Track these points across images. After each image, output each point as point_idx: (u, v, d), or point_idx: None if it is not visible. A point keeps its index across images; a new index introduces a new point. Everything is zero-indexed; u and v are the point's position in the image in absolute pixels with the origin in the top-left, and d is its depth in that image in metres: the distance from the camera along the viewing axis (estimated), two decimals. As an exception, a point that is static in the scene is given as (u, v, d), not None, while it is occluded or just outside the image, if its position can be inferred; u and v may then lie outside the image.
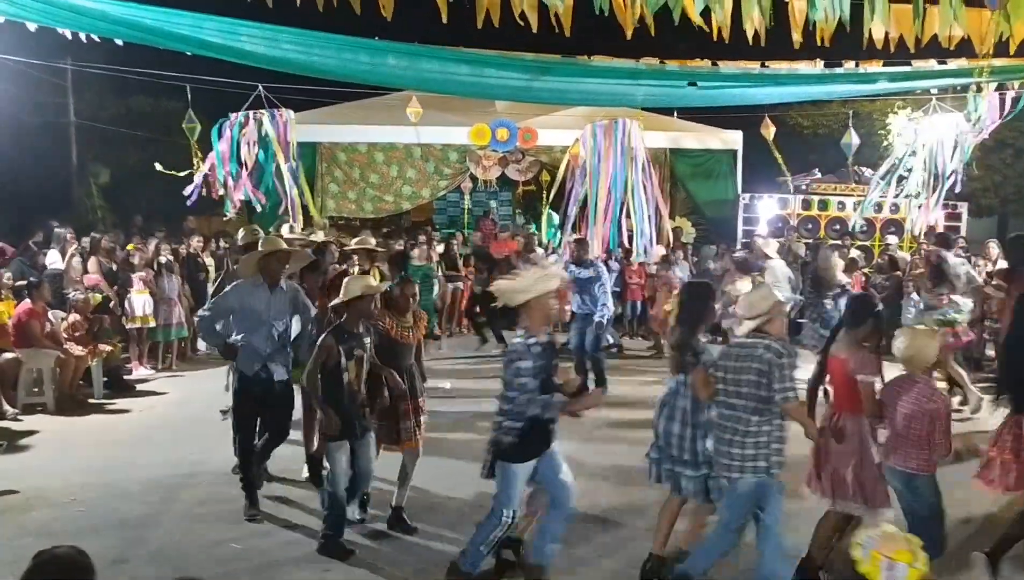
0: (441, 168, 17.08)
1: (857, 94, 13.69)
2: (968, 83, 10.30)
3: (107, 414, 9.38)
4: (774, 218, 16.05)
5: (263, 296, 6.23)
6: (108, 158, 21.56)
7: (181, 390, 10.31)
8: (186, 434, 8.25)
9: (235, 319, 6.29)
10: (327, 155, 16.62)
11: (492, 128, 15.68)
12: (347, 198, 16.86)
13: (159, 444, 8.01)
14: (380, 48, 8.99)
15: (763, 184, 17.30)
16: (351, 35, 8.75)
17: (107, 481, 6.92)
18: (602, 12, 6.90)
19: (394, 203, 17.13)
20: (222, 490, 6.63)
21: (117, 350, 10.46)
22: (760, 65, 9.90)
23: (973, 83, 10.00)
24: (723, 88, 10.05)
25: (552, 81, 9.81)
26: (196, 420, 8.63)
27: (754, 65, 9.88)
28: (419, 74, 9.39)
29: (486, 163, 16.78)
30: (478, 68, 9.41)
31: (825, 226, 15.97)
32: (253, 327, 6.20)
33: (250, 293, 6.24)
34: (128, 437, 8.35)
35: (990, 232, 21.21)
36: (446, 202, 19.07)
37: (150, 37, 8.20)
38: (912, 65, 9.84)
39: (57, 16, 7.82)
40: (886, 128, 19.88)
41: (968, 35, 7.67)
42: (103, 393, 10.01)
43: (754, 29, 7.36)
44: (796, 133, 22.10)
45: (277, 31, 8.38)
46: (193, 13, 8.01)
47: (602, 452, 7.46)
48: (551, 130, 15.92)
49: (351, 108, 16.67)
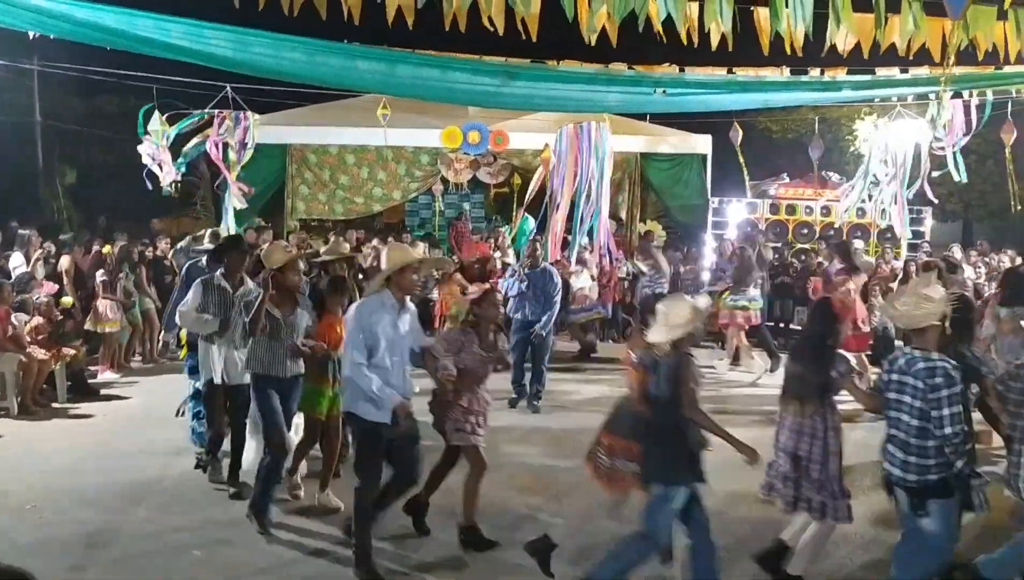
0: (412, 170, 17.07)
1: (822, 101, 13.87)
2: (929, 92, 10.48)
3: (70, 418, 9.25)
4: (743, 222, 16.18)
5: (391, 318, 5.29)
6: (74, 158, 21.32)
7: (145, 394, 10.20)
8: (149, 439, 8.16)
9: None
10: (297, 157, 16.56)
11: (464, 131, 15.67)
12: (317, 200, 16.82)
13: (122, 449, 7.91)
14: (349, 52, 9.00)
15: (733, 188, 17.46)
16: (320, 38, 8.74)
17: (69, 487, 6.83)
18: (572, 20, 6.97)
19: (364, 205, 17.11)
20: (185, 496, 6.59)
21: (81, 353, 10.33)
22: (727, 72, 10.04)
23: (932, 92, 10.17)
24: (690, 95, 10.14)
25: (521, 86, 9.87)
26: (160, 425, 8.54)
27: (721, 71, 10.02)
28: (388, 78, 9.40)
29: (457, 166, 16.81)
30: (447, 72, 9.44)
31: (793, 230, 16.13)
32: (383, 359, 5.22)
33: (378, 313, 5.24)
34: (91, 442, 8.24)
35: (955, 236, 21.58)
36: (418, 204, 19.05)
37: (114, 39, 8.15)
38: (876, 73, 10.02)
39: (21, 17, 7.74)
40: (853, 134, 20.14)
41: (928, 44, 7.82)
42: (66, 397, 9.89)
43: (720, 35, 7.46)
44: (765, 138, 22.31)
45: (245, 34, 8.35)
46: (158, 15, 7.96)
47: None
48: (523, 133, 15.95)
49: (322, 109, 16.60)
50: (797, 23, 7.06)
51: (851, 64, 9.38)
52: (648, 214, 18.04)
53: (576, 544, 5.70)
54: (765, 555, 5.21)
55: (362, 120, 15.31)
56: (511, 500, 6.59)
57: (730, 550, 5.36)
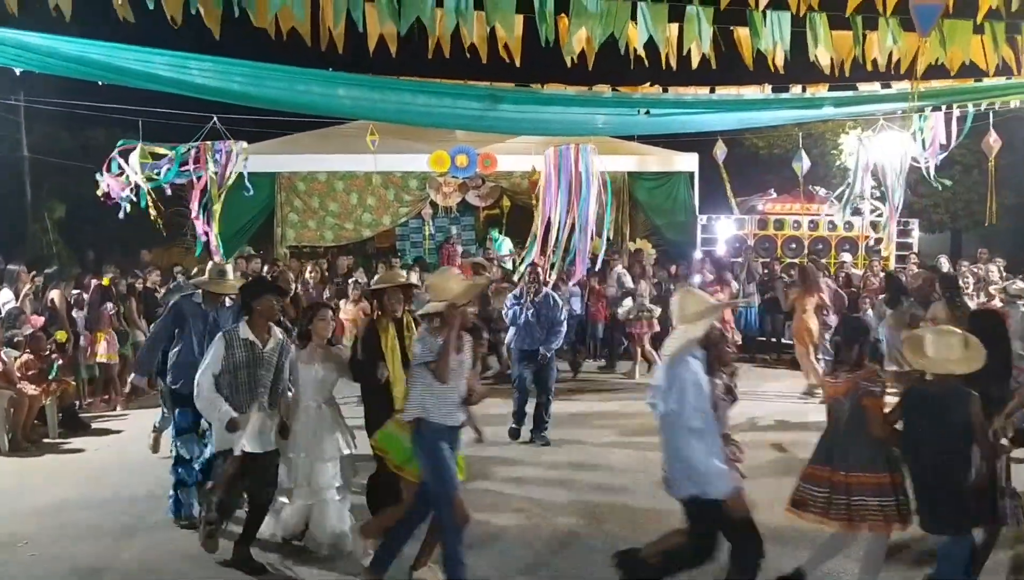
0: (401, 195, 17.14)
1: (804, 119, 13.99)
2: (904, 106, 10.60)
3: (62, 453, 9.20)
4: (732, 238, 16.28)
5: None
6: (63, 192, 21.27)
7: (136, 428, 10.13)
8: (140, 473, 8.10)
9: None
10: (286, 184, 16.61)
11: (451, 154, 15.76)
12: (307, 227, 16.87)
13: (113, 484, 7.87)
14: (333, 79, 9.07)
15: (721, 205, 17.55)
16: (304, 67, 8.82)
17: (60, 523, 6.78)
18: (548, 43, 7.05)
19: (354, 231, 17.16)
20: (176, 531, 6.54)
21: (71, 388, 10.29)
22: (710, 91, 10.14)
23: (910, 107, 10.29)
24: (674, 115, 10.23)
25: (507, 110, 9.95)
26: (151, 458, 8.50)
27: (704, 91, 10.11)
28: (373, 104, 9.48)
29: (446, 189, 16.87)
30: (434, 98, 9.51)
31: (781, 245, 16.22)
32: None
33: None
34: (83, 477, 8.19)
35: (943, 247, 21.67)
36: (408, 228, 19.10)
37: (100, 73, 8.20)
38: (857, 89, 10.13)
39: (4, 53, 7.79)
40: (838, 148, 20.27)
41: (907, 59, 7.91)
42: (58, 432, 9.84)
43: (701, 55, 7.55)
44: (752, 154, 22.45)
45: (228, 64, 8.42)
46: (142, 47, 8.02)
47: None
48: (511, 156, 16.05)
49: (309, 137, 16.68)
50: (776, 42, 7.15)
51: (832, 81, 9.49)
52: (638, 233, 18.12)
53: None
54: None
55: (350, 147, 15.40)
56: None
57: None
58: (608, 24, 7.05)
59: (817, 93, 9.86)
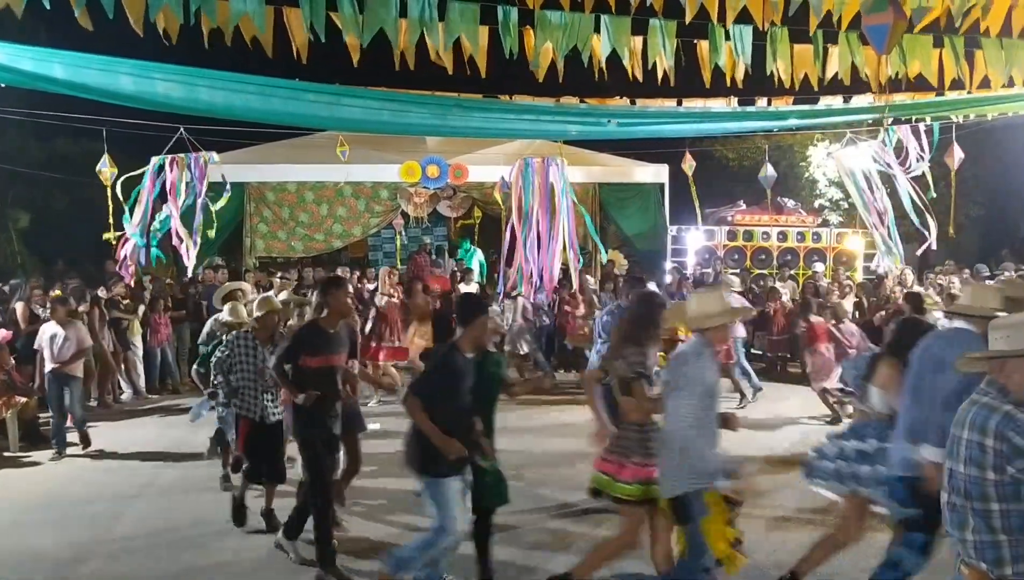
0: (372, 205, 17.09)
1: (770, 129, 14.12)
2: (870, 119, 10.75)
3: (21, 467, 9.04)
4: (702, 249, 16.38)
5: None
6: (29, 202, 20.97)
7: (98, 441, 10.00)
8: (100, 488, 8.00)
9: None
10: (255, 195, 16.50)
11: (422, 165, 15.75)
12: (277, 238, 16.76)
13: (73, 500, 7.73)
14: (299, 88, 9.02)
15: (691, 216, 17.66)
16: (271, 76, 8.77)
17: (18, 541, 6.65)
18: (512, 55, 7.07)
19: (325, 242, 17.08)
20: (137, 548, 6.44)
21: (32, 402, 10.13)
22: (677, 103, 10.22)
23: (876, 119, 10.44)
24: (641, 125, 10.29)
25: (475, 117, 9.96)
26: (112, 472, 8.40)
27: (671, 103, 10.19)
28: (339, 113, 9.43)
29: (417, 200, 16.84)
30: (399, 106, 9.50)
31: (751, 256, 16.35)
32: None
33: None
34: (42, 492, 8.05)
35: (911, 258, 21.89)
36: (381, 239, 19.07)
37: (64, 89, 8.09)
38: (820, 102, 10.25)
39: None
40: (807, 160, 20.50)
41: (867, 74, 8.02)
42: (18, 446, 9.67)
43: (663, 70, 7.60)
44: (722, 165, 22.62)
45: (194, 74, 8.34)
46: (106, 57, 7.92)
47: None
48: (482, 166, 16.04)
49: (279, 148, 16.59)
50: (738, 56, 7.21)
51: (796, 93, 9.60)
52: (609, 244, 18.19)
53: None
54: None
55: (320, 157, 15.33)
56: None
57: None
58: (572, 36, 7.08)
59: (782, 107, 9.96)
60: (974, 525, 3.27)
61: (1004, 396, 3.28)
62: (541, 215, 12.28)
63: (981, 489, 3.23)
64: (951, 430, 3.46)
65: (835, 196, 19.83)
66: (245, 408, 6.53)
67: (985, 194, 20.55)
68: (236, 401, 6.58)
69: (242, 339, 6.56)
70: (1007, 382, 3.30)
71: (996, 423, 3.20)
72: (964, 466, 3.30)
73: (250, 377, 6.47)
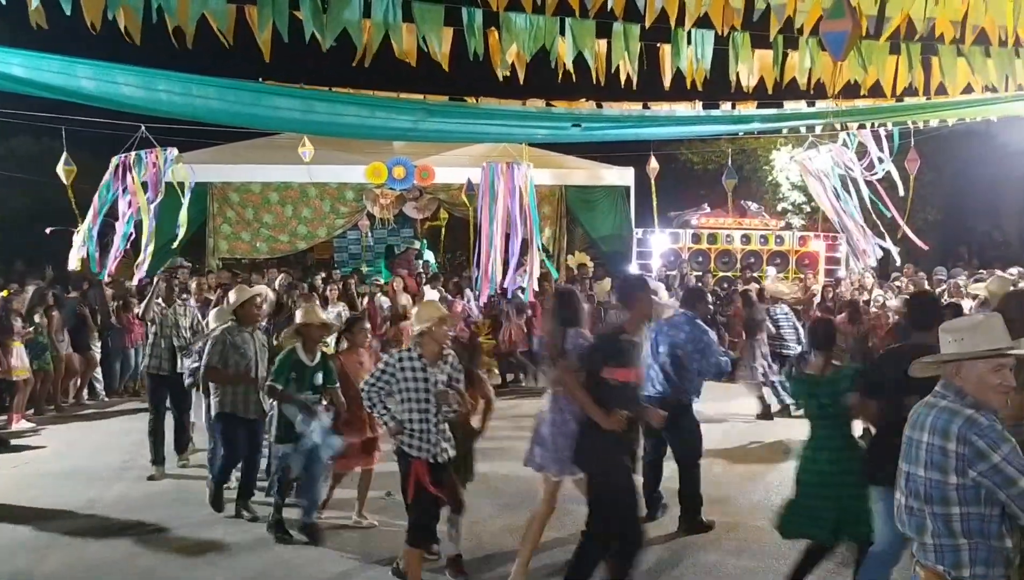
0: (337, 206, 17.02)
1: (734, 132, 14.24)
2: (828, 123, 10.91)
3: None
4: (667, 252, 16.52)
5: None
6: (-11, 202, 20.57)
7: (59, 443, 9.87)
8: (57, 491, 7.88)
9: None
10: (219, 195, 16.36)
11: (388, 166, 15.68)
12: (240, 239, 16.63)
13: (30, 503, 7.62)
14: (263, 90, 8.95)
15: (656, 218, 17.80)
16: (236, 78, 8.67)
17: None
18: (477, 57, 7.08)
19: (289, 243, 16.99)
20: (91, 551, 6.36)
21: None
22: (642, 106, 10.29)
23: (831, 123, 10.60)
24: (606, 129, 10.35)
25: (440, 122, 9.93)
26: (70, 475, 8.27)
27: (636, 106, 10.26)
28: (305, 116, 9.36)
29: (383, 201, 16.79)
30: (364, 109, 9.45)
31: (715, 258, 16.51)
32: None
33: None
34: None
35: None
36: (346, 240, 18.98)
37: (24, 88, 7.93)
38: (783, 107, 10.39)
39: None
40: (770, 164, 20.75)
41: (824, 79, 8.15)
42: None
43: (627, 73, 7.65)
44: (686, 169, 22.82)
45: (155, 76, 8.20)
46: (65, 57, 7.77)
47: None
48: (448, 168, 16.04)
49: (243, 148, 16.44)
50: (699, 60, 7.30)
51: (759, 98, 9.72)
52: (576, 246, 18.27)
53: None
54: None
55: (285, 158, 15.20)
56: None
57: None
58: (538, 39, 7.11)
59: (745, 111, 10.07)
60: (933, 529, 3.27)
61: (962, 399, 3.28)
62: (503, 218, 12.31)
63: (942, 493, 3.23)
64: (906, 432, 3.45)
65: (798, 200, 20.09)
66: (416, 447, 5.20)
67: (943, 198, 20.93)
68: (404, 438, 5.24)
69: (406, 359, 5.24)
70: (964, 385, 3.30)
71: (959, 427, 3.19)
72: (924, 470, 3.29)
73: (421, 406, 5.21)
